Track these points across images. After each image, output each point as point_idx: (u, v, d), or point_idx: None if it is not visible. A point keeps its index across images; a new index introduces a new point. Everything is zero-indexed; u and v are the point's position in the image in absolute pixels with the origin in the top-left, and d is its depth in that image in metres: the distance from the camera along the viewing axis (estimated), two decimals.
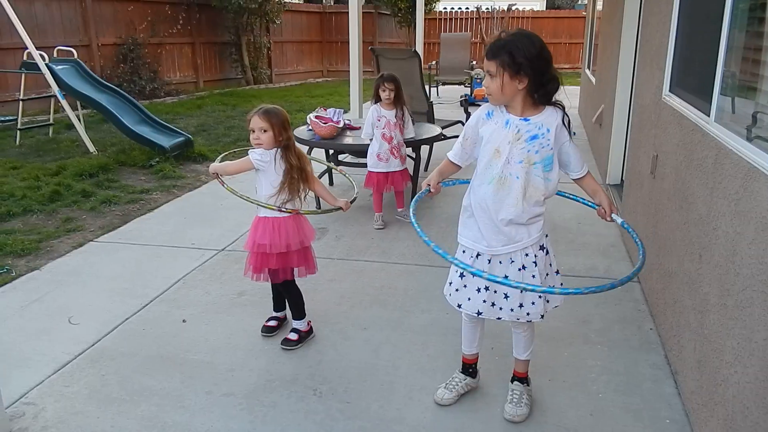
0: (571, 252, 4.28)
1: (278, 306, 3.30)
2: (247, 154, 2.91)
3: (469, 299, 2.40)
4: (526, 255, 2.30)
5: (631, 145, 4.81)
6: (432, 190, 2.45)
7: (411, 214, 2.31)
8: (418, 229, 2.16)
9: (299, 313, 3.13)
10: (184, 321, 3.34)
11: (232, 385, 2.77)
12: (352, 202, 3.10)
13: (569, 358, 2.98)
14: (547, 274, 2.37)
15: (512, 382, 2.62)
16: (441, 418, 2.54)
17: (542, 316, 2.38)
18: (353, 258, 4.25)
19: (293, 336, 3.10)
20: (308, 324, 3.17)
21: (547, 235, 2.38)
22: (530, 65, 2.14)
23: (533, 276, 2.31)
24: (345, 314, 3.43)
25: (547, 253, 2.37)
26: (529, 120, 2.22)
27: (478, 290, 2.37)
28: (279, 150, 2.89)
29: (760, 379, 1.79)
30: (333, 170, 5.91)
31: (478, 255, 2.35)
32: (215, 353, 3.03)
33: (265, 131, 2.84)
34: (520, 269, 2.31)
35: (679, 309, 2.76)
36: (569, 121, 2.28)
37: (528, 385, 2.62)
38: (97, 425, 2.49)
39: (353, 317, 3.40)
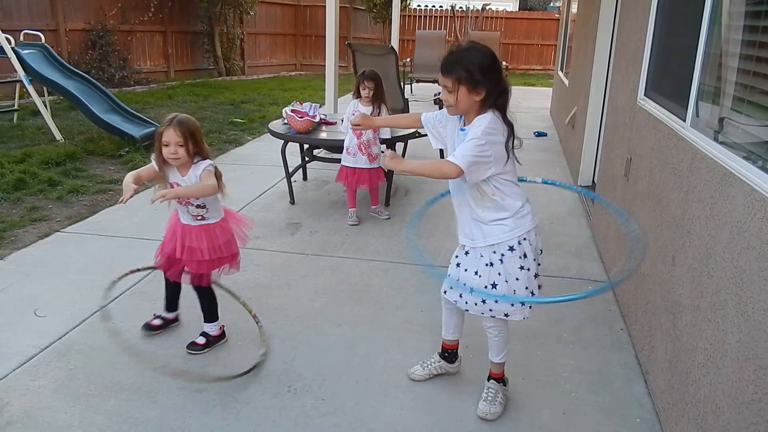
0: (544, 252, 4.29)
1: (171, 306, 3.15)
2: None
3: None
4: (494, 252, 2.35)
5: (604, 147, 4.88)
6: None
7: (410, 235, 2.42)
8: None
9: (212, 315, 3.00)
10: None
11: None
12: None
13: (542, 357, 3.01)
14: (506, 281, 2.36)
15: (488, 380, 2.64)
16: (416, 415, 2.54)
17: (507, 315, 2.40)
18: (327, 254, 4.22)
19: (201, 340, 2.96)
20: (220, 328, 3.03)
21: (512, 248, 2.37)
22: (485, 78, 2.16)
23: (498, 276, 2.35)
24: (319, 310, 3.41)
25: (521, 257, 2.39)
26: (465, 130, 2.25)
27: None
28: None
29: (732, 380, 1.83)
30: (307, 165, 5.89)
31: (463, 246, 2.46)
32: None
33: (181, 146, 2.73)
34: (487, 265, 2.35)
35: (651, 310, 2.81)
36: (492, 124, 2.19)
37: (504, 385, 2.64)
38: (65, 420, 2.43)
39: (328, 313, 3.37)
